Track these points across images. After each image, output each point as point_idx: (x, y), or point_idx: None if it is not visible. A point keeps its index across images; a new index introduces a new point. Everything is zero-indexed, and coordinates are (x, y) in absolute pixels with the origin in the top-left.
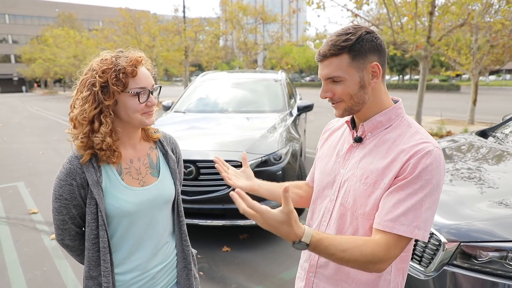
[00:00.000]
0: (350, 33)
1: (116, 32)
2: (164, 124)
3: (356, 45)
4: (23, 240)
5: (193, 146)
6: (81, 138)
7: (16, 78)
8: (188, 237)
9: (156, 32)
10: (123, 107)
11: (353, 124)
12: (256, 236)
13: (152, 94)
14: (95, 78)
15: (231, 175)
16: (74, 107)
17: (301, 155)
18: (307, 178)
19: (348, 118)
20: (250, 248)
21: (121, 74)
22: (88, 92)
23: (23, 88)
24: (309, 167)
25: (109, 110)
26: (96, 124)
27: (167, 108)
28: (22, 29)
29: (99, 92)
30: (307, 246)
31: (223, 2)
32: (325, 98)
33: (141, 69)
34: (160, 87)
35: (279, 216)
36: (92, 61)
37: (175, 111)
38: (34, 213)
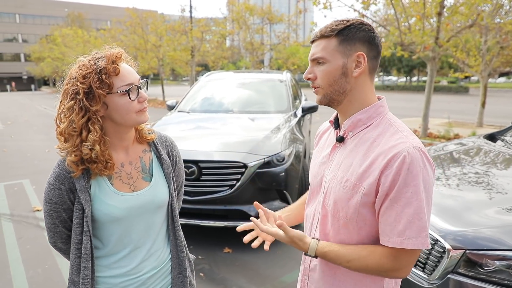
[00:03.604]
0: (346, 20)
1: (123, 32)
2: (168, 124)
3: (345, 30)
4: (26, 238)
5: (195, 146)
6: (74, 151)
7: (25, 77)
8: (184, 242)
9: (163, 31)
10: (115, 109)
11: (337, 124)
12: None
13: (141, 89)
14: (77, 85)
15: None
16: (60, 121)
17: (305, 157)
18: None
19: (332, 117)
20: (252, 250)
21: (103, 75)
22: (73, 101)
23: (32, 86)
24: None
25: (97, 116)
26: (84, 133)
27: (171, 108)
28: (31, 29)
29: (84, 99)
30: (315, 256)
31: (230, 2)
32: (308, 79)
33: (123, 65)
34: (147, 81)
35: (285, 238)
36: (70, 70)
37: (179, 111)
38: (38, 210)
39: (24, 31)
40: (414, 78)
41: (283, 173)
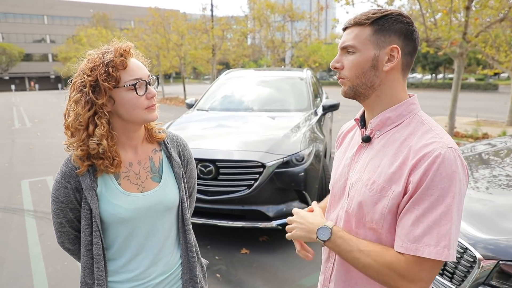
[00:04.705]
0: (384, 10)
1: (146, 31)
2: (186, 122)
3: (382, 20)
4: (47, 234)
5: (213, 145)
6: (80, 145)
7: (53, 76)
8: (196, 246)
9: (184, 30)
10: (121, 104)
11: (363, 123)
12: (276, 239)
13: (149, 85)
14: (84, 78)
15: None
16: (68, 115)
17: (325, 156)
18: (329, 185)
19: (357, 115)
20: (270, 251)
21: (110, 68)
22: (79, 94)
23: (59, 85)
24: None
25: (103, 110)
26: (91, 128)
27: (190, 106)
28: (59, 29)
29: (90, 91)
30: (330, 232)
31: (251, 0)
32: (335, 68)
33: (132, 60)
34: (158, 77)
35: (309, 213)
36: (81, 64)
37: (198, 109)
38: None
39: (52, 32)
40: (440, 76)
41: (303, 173)
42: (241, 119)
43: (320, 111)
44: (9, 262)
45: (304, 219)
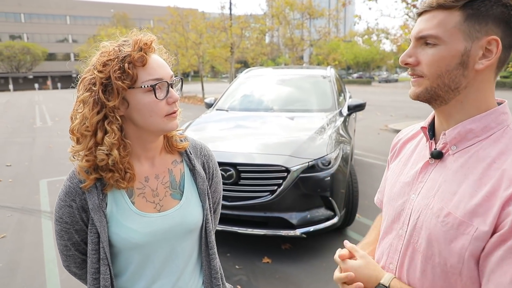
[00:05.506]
0: None
1: (164, 30)
2: (205, 123)
3: (476, 2)
4: None
5: (234, 148)
6: (86, 155)
7: (74, 75)
8: (221, 271)
9: (203, 29)
10: (136, 108)
11: (432, 133)
12: (300, 247)
13: (172, 87)
14: (94, 74)
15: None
16: (75, 117)
17: (351, 159)
18: (375, 198)
19: (425, 123)
20: (293, 261)
21: (126, 64)
22: (88, 93)
23: None
24: (360, 170)
25: (115, 114)
26: (100, 135)
27: (209, 106)
28: (80, 29)
29: (100, 91)
30: None
31: None
32: (406, 64)
33: (153, 56)
34: (182, 79)
35: (358, 262)
36: (93, 57)
37: (217, 109)
38: None
39: (74, 32)
40: None
41: (329, 178)
42: (264, 119)
43: (345, 111)
44: (24, 267)
45: (356, 271)
